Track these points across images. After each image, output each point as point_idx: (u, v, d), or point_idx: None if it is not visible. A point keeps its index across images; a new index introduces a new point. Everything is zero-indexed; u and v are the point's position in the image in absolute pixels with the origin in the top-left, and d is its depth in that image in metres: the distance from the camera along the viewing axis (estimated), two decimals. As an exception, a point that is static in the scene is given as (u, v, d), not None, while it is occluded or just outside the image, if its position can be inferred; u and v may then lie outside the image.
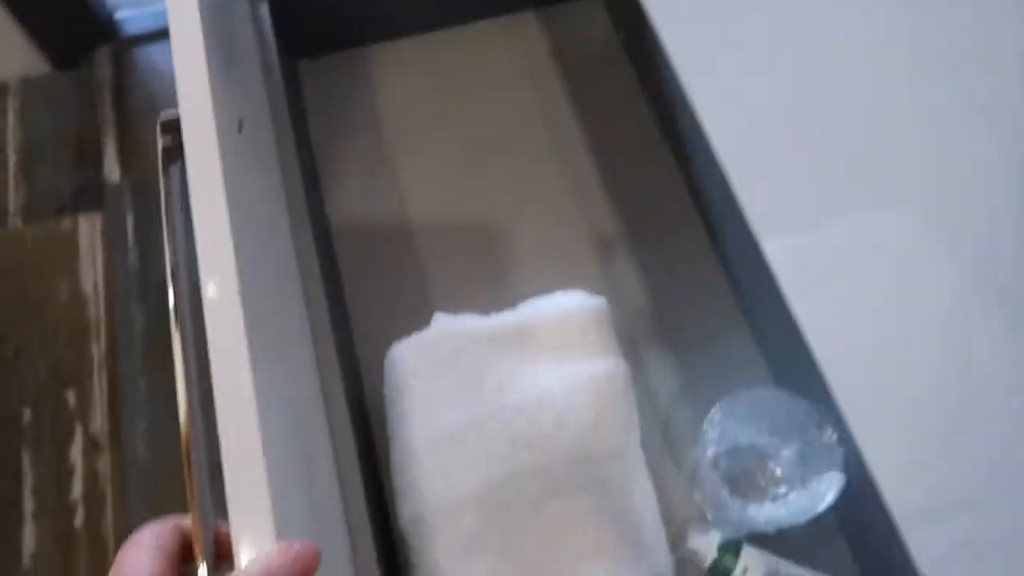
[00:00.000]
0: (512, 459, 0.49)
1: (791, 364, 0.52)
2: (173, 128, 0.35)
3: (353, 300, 0.61)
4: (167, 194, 0.35)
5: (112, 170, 1.23)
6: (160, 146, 0.35)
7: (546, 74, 0.69)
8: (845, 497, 0.50)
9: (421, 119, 0.68)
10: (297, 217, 0.53)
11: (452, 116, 0.68)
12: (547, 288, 0.56)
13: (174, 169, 0.36)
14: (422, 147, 0.67)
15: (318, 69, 0.69)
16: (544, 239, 0.63)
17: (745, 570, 0.49)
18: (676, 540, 0.51)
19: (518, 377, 0.52)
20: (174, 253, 0.36)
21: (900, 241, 0.45)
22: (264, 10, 0.60)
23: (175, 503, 0.45)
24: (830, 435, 0.47)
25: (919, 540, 0.39)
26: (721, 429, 0.49)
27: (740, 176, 0.46)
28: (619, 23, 0.70)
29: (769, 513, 0.49)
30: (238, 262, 0.36)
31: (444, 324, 0.55)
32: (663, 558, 0.50)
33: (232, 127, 0.39)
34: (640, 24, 0.65)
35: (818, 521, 0.51)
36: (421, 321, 0.56)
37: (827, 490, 0.46)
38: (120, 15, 1.34)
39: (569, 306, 0.54)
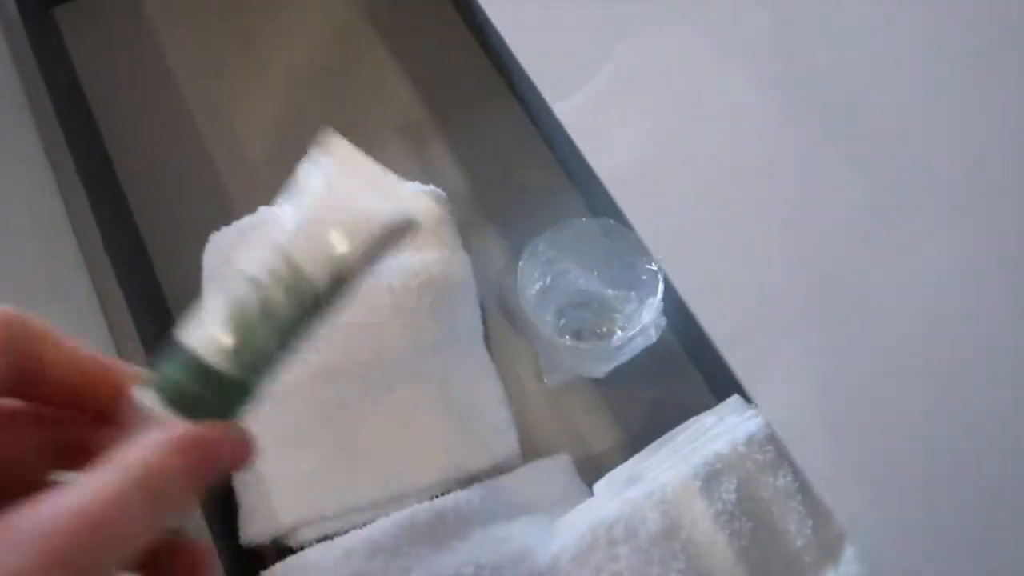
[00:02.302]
0: (346, 346, 0.46)
1: (609, 202, 0.52)
2: None
3: (148, 227, 0.57)
4: None
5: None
6: None
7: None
8: (683, 323, 0.49)
9: (204, 43, 0.64)
10: (58, 155, 0.49)
11: (236, 38, 0.64)
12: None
13: None
14: (209, 70, 0.63)
15: (78, 15, 0.64)
16: (352, 136, 0.60)
17: None
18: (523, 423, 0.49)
19: None
20: None
21: (669, 65, 0.44)
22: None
23: None
24: (649, 258, 0.46)
25: (736, 354, 0.38)
26: (544, 261, 0.48)
27: (517, 43, 0.45)
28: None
29: (596, 348, 0.47)
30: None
31: (269, 212, 0.50)
32: (511, 444, 0.47)
33: None
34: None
35: (667, 352, 0.51)
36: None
37: (648, 317, 0.45)
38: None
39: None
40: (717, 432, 0.40)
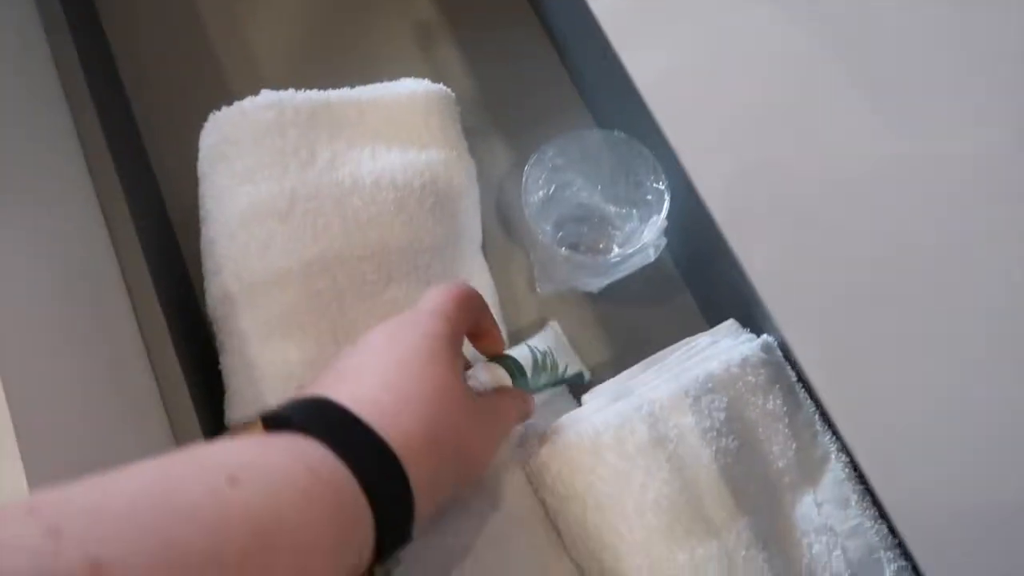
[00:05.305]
0: (345, 238, 0.45)
1: (620, 117, 0.50)
2: None
3: (145, 114, 0.56)
4: None
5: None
6: None
7: None
8: (682, 245, 0.49)
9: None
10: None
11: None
12: (369, 80, 0.52)
13: None
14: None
15: None
16: (361, 29, 0.59)
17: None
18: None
19: (355, 155, 0.47)
20: None
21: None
22: None
23: None
24: (658, 177, 0.45)
25: (754, 259, 0.39)
26: (550, 168, 0.47)
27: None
28: None
29: (592, 262, 0.47)
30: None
31: (271, 94, 0.48)
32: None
33: None
34: None
35: (664, 277, 0.51)
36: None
37: (649, 236, 0.45)
38: None
39: (412, 91, 0.50)
40: (711, 353, 0.41)
